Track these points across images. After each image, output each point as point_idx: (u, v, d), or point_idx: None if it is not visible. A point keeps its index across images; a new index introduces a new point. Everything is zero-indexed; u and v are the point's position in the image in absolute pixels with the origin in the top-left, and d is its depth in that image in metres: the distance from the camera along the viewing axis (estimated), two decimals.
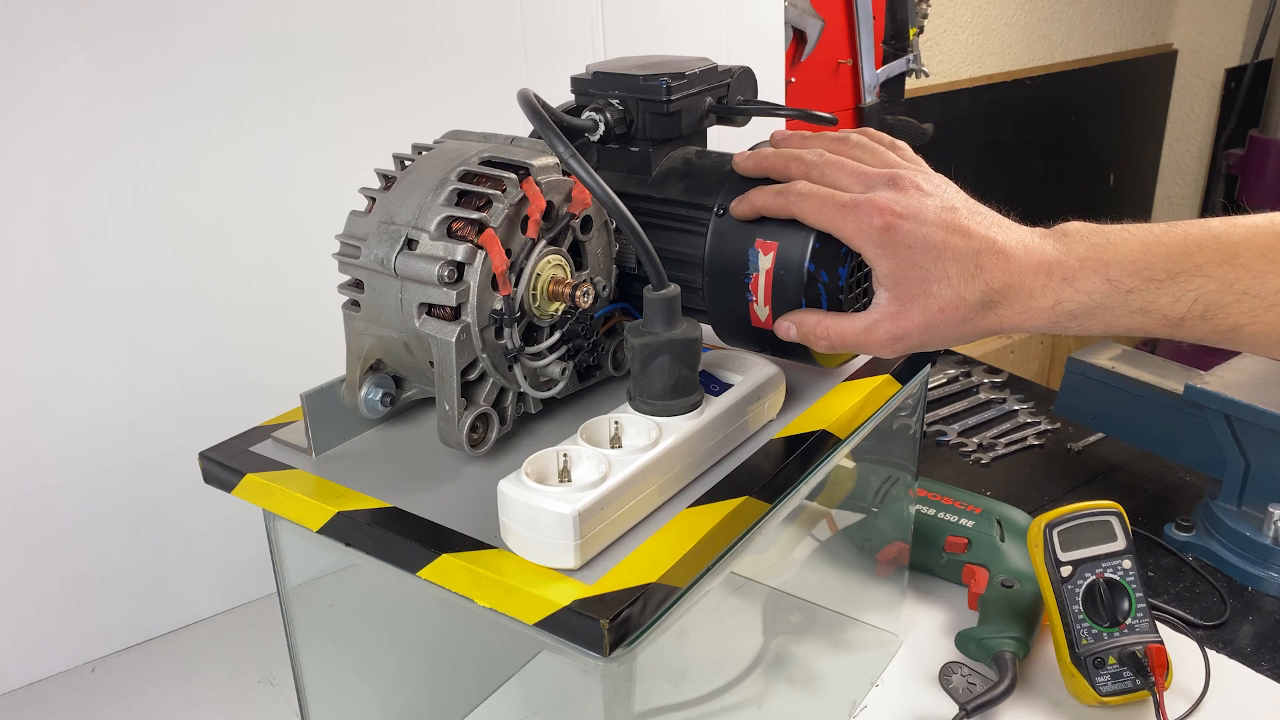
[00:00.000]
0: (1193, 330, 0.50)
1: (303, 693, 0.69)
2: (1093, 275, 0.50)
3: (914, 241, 0.52)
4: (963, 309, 0.52)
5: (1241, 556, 0.95)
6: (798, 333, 0.58)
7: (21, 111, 0.78)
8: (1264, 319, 0.49)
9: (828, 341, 0.57)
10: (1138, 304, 0.50)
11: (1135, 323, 0.51)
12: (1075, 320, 0.51)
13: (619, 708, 0.50)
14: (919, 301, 0.53)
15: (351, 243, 0.57)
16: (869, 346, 0.55)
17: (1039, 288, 0.51)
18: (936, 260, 0.52)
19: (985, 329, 0.53)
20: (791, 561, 0.89)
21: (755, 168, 0.61)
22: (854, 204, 0.54)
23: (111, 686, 0.88)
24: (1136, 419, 1.07)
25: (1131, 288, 0.50)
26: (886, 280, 0.54)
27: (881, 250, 0.53)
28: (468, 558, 0.50)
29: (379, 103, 0.95)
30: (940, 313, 0.52)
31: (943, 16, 2.07)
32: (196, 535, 0.93)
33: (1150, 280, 0.50)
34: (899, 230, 0.53)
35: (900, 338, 0.54)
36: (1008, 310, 0.52)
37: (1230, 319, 0.49)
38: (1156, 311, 0.50)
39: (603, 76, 0.65)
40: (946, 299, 0.52)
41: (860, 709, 0.81)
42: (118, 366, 0.87)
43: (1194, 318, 0.50)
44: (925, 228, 0.53)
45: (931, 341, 0.54)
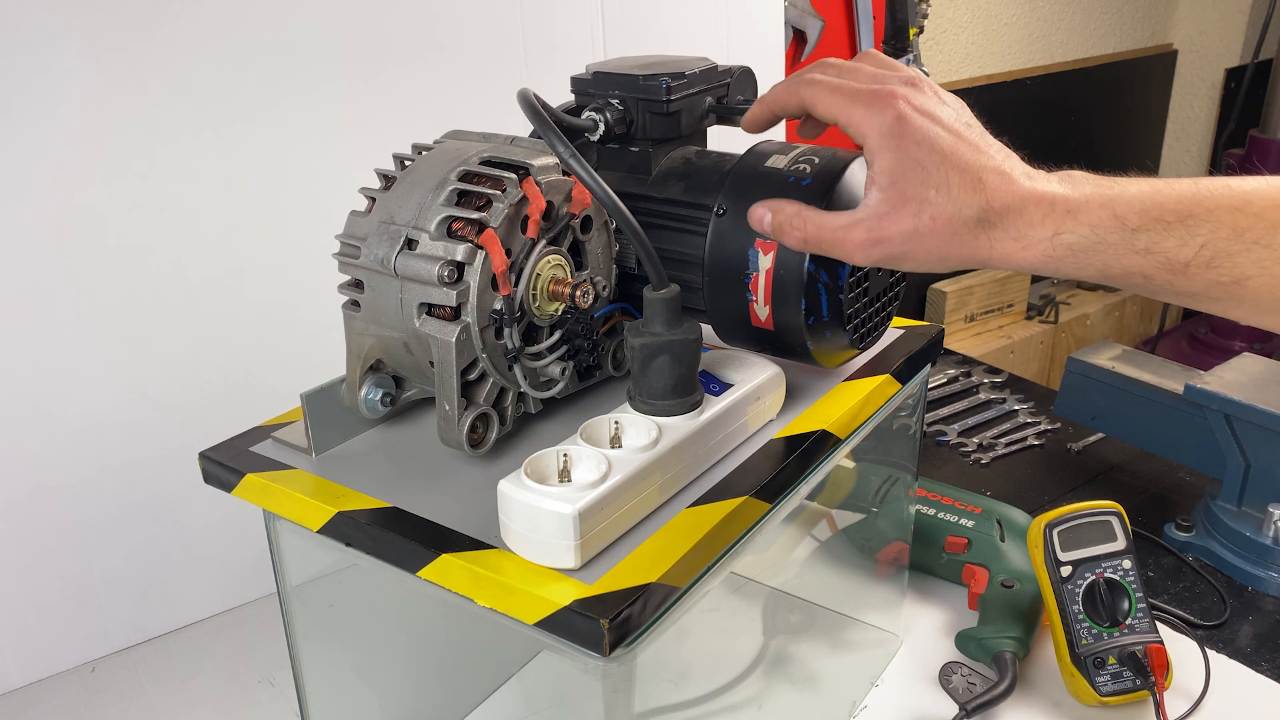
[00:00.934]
0: (1195, 279, 0.47)
1: (303, 693, 0.69)
2: (1098, 210, 0.48)
3: (923, 139, 0.49)
4: (955, 223, 0.49)
5: (1241, 556, 0.95)
6: (772, 221, 0.54)
7: (21, 111, 0.78)
8: (1272, 271, 0.46)
9: (801, 234, 0.53)
10: (1142, 244, 0.47)
11: (1136, 265, 0.48)
12: (1073, 256, 0.48)
13: (619, 708, 0.50)
14: (911, 205, 0.50)
15: (351, 243, 0.57)
16: (845, 245, 0.51)
17: (1039, 217, 0.49)
18: (941, 165, 0.49)
19: (974, 253, 0.50)
20: (791, 561, 0.89)
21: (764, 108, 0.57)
22: (869, 92, 0.51)
23: (111, 686, 0.88)
24: (1136, 419, 1.07)
25: (1138, 226, 0.47)
26: (882, 176, 0.50)
27: (887, 141, 0.50)
28: (468, 558, 0.50)
29: (379, 103, 0.95)
30: (931, 221, 0.49)
31: (943, 16, 2.07)
32: (196, 535, 0.93)
33: (1158, 220, 0.47)
34: (911, 123, 0.50)
35: (881, 240, 0.50)
36: (1002, 235, 0.49)
37: (1237, 269, 0.46)
38: (1161, 254, 0.47)
39: (603, 76, 0.65)
40: (941, 208, 0.49)
41: (860, 709, 0.81)
42: (118, 366, 0.87)
43: (1199, 264, 0.47)
44: (938, 128, 0.50)
45: (912, 254, 0.50)
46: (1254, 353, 1.05)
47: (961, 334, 2.08)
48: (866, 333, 0.65)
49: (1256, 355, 1.03)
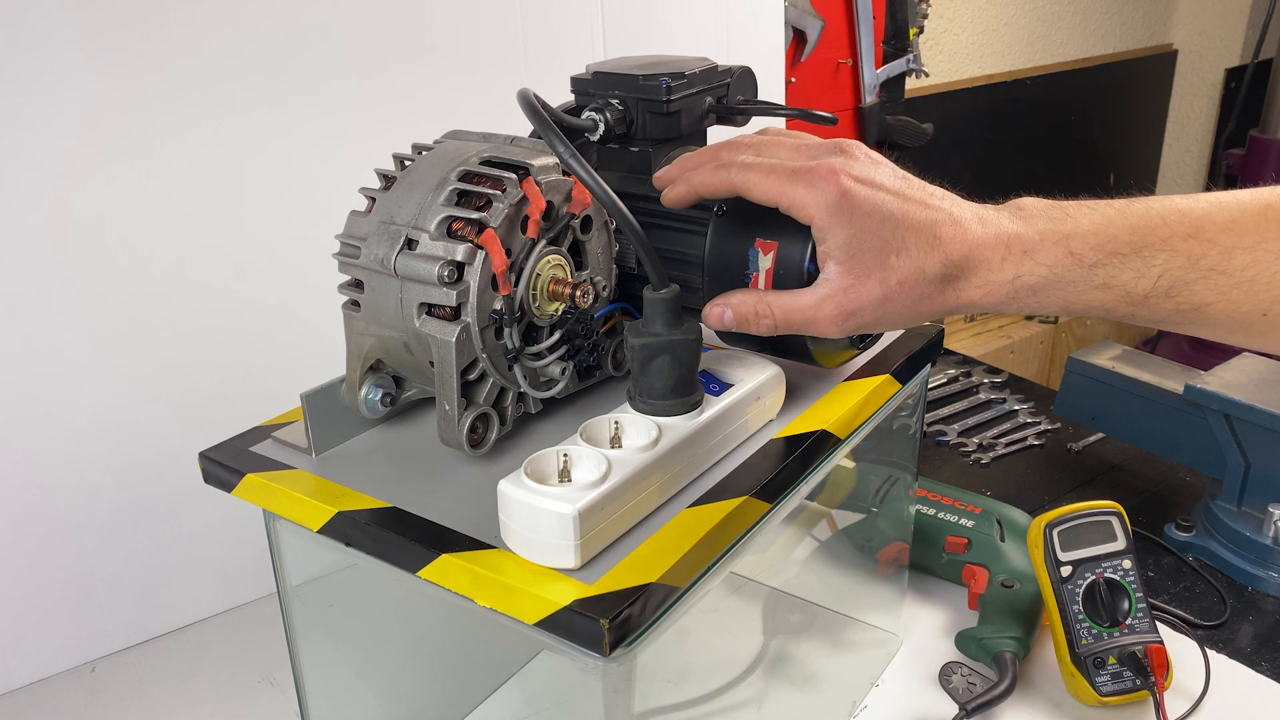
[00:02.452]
0: (1155, 309, 0.48)
1: (303, 693, 0.69)
2: (1053, 248, 0.48)
3: (871, 209, 0.49)
4: (922, 283, 0.49)
5: (1241, 556, 0.95)
6: (734, 316, 0.54)
7: (21, 111, 0.78)
8: (1230, 296, 0.46)
9: (771, 321, 0.53)
10: (1100, 279, 0.48)
11: (1096, 300, 0.48)
12: (1035, 295, 0.49)
13: (619, 708, 0.50)
14: (875, 275, 0.50)
15: (351, 243, 0.57)
16: (817, 323, 0.52)
17: (998, 261, 0.49)
18: (895, 229, 0.49)
19: (942, 307, 0.50)
20: (791, 561, 0.89)
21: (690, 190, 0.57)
22: (805, 170, 0.51)
23: (111, 686, 0.88)
24: (1136, 419, 1.07)
25: (1095, 262, 0.48)
26: (839, 252, 0.50)
27: (837, 218, 0.50)
28: (468, 558, 0.50)
29: (379, 103, 0.95)
30: (899, 286, 0.49)
31: (943, 16, 2.07)
32: (196, 535, 0.93)
33: (1113, 254, 0.47)
34: (855, 196, 0.50)
35: (853, 313, 0.50)
36: (966, 284, 0.49)
37: (1195, 296, 0.47)
38: (1119, 287, 0.48)
39: (603, 76, 0.65)
40: (905, 272, 0.49)
41: (860, 709, 0.81)
42: (118, 367, 0.87)
43: (1158, 294, 0.47)
44: (882, 194, 0.50)
45: (885, 320, 0.51)
46: (1254, 353, 1.05)
47: (961, 334, 2.08)
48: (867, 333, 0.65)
49: (1256, 355, 1.03)
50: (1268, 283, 0.46)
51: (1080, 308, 0.49)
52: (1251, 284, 0.46)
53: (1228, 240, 0.47)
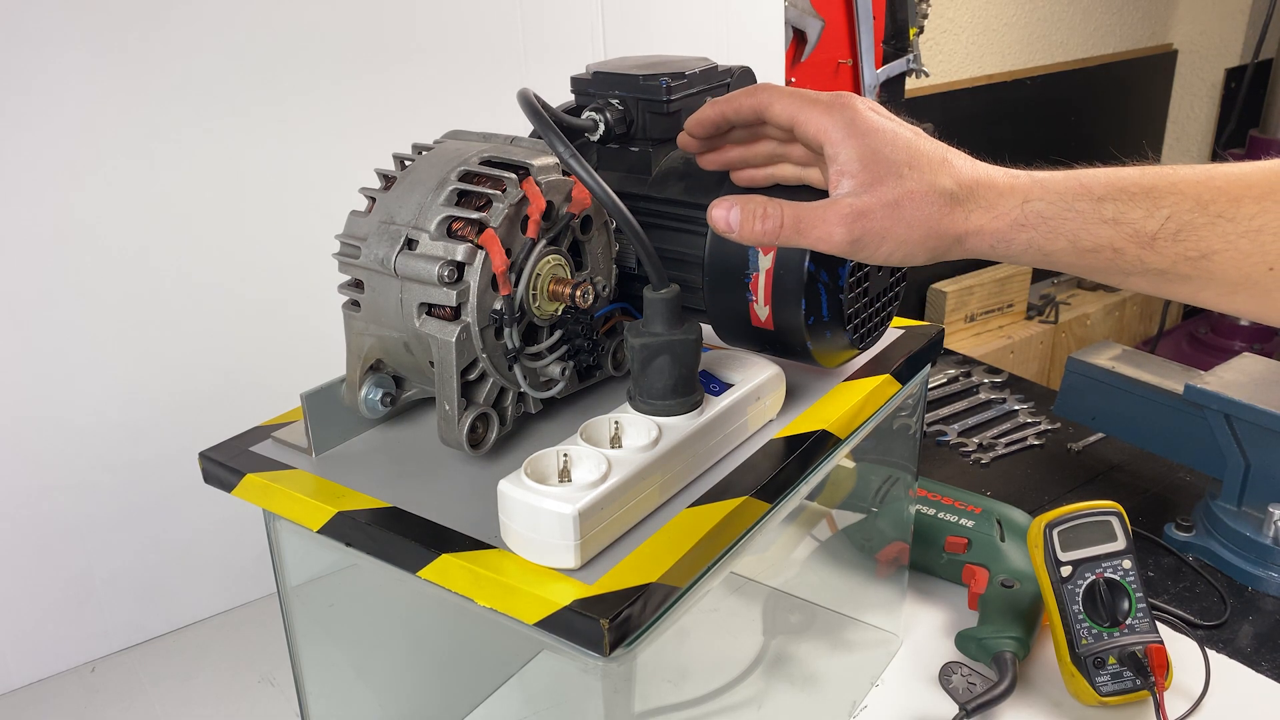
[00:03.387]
0: (1163, 252, 0.48)
1: (303, 693, 0.69)
2: (1064, 179, 0.49)
3: (884, 130, 0.51)
4: (932, 196, 0.49)
5: (1241, 556, 0.95)
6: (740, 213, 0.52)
7: (21, 111, 0.78)
8: (1238, 245, 0.47)
9: (778, 218, 0.51)
10: (1109, 213, 0.48)
11: (1105, 236, 0.48)
12: (1044, 223, 0.49)
13: (619, 708, 0.50)
14: (888, 181, 0.50)
15: (351, 243, 0.57)
16: (826, 222, 0.50)
17: (1007, 187, 0.50)
18: (906, 148, 0.50)
19: (950, 229, 0.50)
20: (791, 561, 0.89)
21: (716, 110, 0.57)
22: (823, 97, 0.53)
23: (111, 686, 0.88)
24: (1136, 419, 1.07)
25: (1104, 195, 0.48)
26: (851, 164, 0.50)
27: (850, 134, 0.51)
28: (468, 558, 0.50)
29: (379, 102, 0.95)
30: (908, 195, 0.49)
31: (943, 16, 2.07)
32: (196, 535, 0.93)
33: (1123, 191, 0.48)
34: (870, 119, 0.51)
35: (863, 213, 0.50)
36: (975, 207, 0.49)
37: (1203, 242, 0.47)
38: (1128, 224, 0.48)
39: (603, 76, 0.65)
40: (916, 183, 0.50)
41: (860, 709, 0.81)
42: (118, 367, 0.87)
43: (1166, 236, 0.47)
44: (894, 124, 0.51)
45: (893, 229, 0.50)
46: (1254, 353, 1.05)
47: (961, 334, 2.08)
48: (866, 333, 0.65)
49: (1256, 355, 1.03)
50: (1275, 233, 0.46)
51: (1089, 243, 0.49)
52: (1259, 234, 0.46)
53: (1236, 189, 0.47)
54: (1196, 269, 0.48)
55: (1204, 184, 0.47)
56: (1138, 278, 0.49)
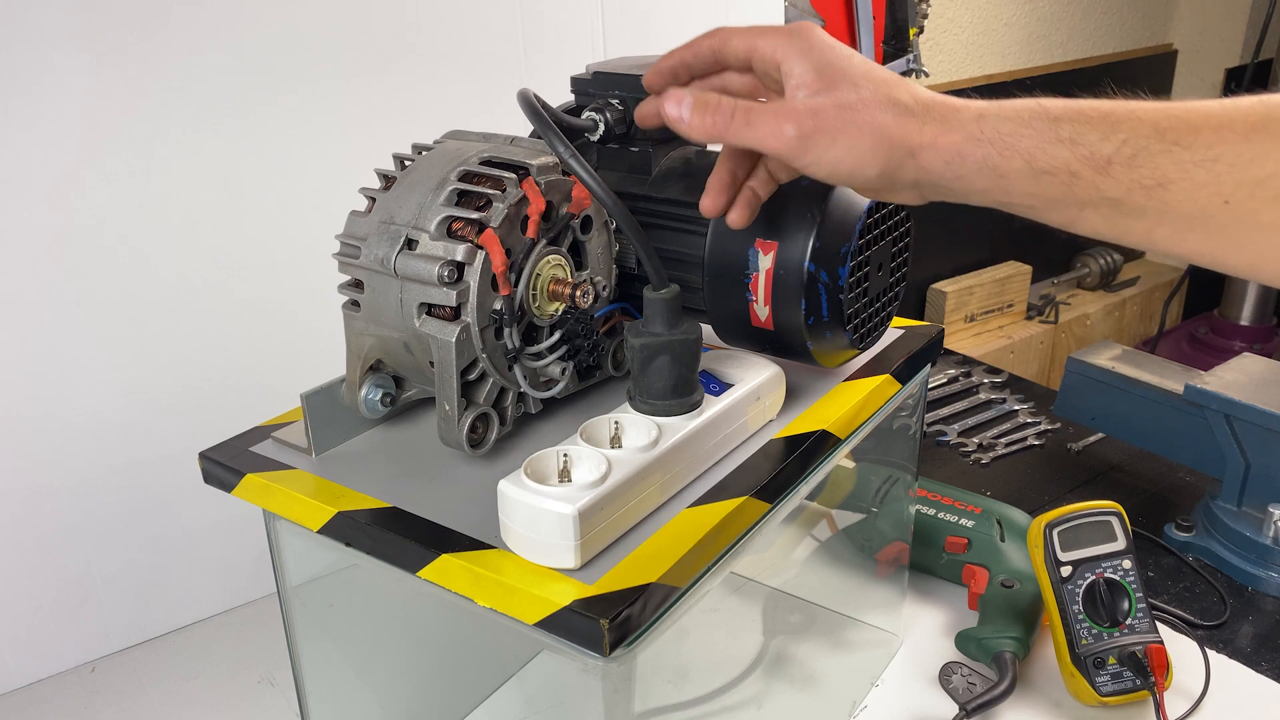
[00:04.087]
0: (1119, 178, 0.47)
1: (303, 693, 0.69)
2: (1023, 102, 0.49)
3: (840, 50, 0.51)
4: (886, 104, 0.49)
5: (1241, 556, 0.95)
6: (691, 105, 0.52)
7: (21, 111, 0.78)
8: (1193, 175, 0.45)
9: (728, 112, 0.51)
10: (1066, 133, 0.47)
11: (1061, 156, 0.47)
12: (1000, 139, 0.48)
13: (619, 708, 0.50)
14: (843, 85, 0.49)
15: (351, 243, 0.57)
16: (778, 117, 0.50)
17: (963, 105, 0.49)
18: (863, 65, 0.50)
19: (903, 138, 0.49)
20: (791, 561, 0.89)
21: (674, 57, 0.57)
22: (776, 27, 0.53)
23: (111, 686, 0.88)
24: (1136, 419, 1.07)
25: (1060, 116, 0.48)
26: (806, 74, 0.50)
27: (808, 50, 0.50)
28: (468, 558, 0.50)
29: (379, 103, 0.95)
30: (860, 100, 0.49)
31: (943, 16, 2.07)
32: (196, 535, 0.93)
33: (1081, 114, 0.48)
34: (826, 39, 0.51)
35: (816, 111, 0.49)
36: (929, 120, 0.49)
37: (1159, 170, 0.46)
38: (1084, 145, 0.47)
39: (603, 76, 0.65)
40: (871, 92, 0.49)
41: (860, 709, 0.81)
42: (118, 367, 0.87)
43: (1122, 161, 0.46)
44: (848, 50, 0.51)
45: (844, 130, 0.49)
46: (1254, 353, 1.05)
47: (961, 334, 2.08)
48: (866, 333, 0.65)
49: (1256, 355, 1.03)
50: (1230, 163, 0.45)
51: (1045, 163, 0.48)
52: (1215, 163, 0.45)
53: (1195, 119, 0.46)
54: (1151, 199, 0.47)
55: (1163, 112, 0.47)
56: (1092, 210, 0.48)
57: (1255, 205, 0.45)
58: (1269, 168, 0.44)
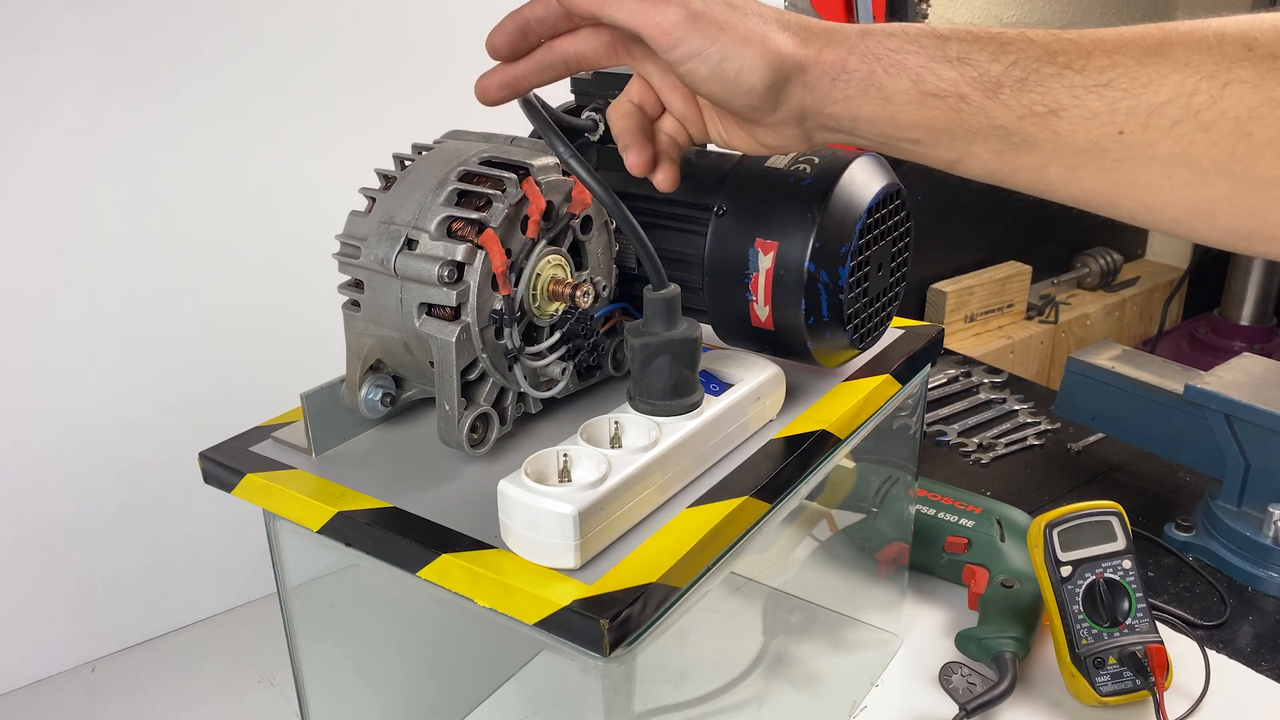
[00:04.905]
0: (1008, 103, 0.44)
1: (303, 693, 0.69)
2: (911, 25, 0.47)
3: None
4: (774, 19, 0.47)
5: (1241, 556, 0.95)
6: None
7: (22, 112, 0.78)
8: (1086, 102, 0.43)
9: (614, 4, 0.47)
10: (955, 52, 0.45)
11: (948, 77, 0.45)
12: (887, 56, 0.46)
13: (619, 708, 0.50)
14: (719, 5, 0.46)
15: (351, 243, 0.57)
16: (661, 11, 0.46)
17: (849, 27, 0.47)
18: None
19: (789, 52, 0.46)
20: (791, 561, 0.89)
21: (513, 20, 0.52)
22: None
23: (111, 686, 0.88)
24: (1136, 419, 1.07)
25: (949, 36, 0.45)
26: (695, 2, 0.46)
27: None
28: (468, 558, 0.50)
29: (379, 102, 0.95)
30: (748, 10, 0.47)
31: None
32: (196, 535, 0.93)
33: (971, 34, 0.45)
34: None
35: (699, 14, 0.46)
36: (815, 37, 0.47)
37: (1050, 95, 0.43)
38: (973, 65, 0.44)
39: (603, 76, 0.65)
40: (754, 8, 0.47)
41: (860, 709, 0.81)
42: (118, 367, 0.87)
43: (1011, 84, 0.44)
44: None
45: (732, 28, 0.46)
46: (1254, 353, 1.05)
47: (961, 334, 2.08)
48: (866, 333, 0.65)
49: (1256, 355, 1.03)
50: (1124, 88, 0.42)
51: (932, 85, 0.45)
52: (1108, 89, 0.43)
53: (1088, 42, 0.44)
54: (1044, 128, 0.44)
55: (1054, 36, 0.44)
56: (982, 144, 0.46)
57: (1150, 135, 0.43)
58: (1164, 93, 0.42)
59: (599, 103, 0.65)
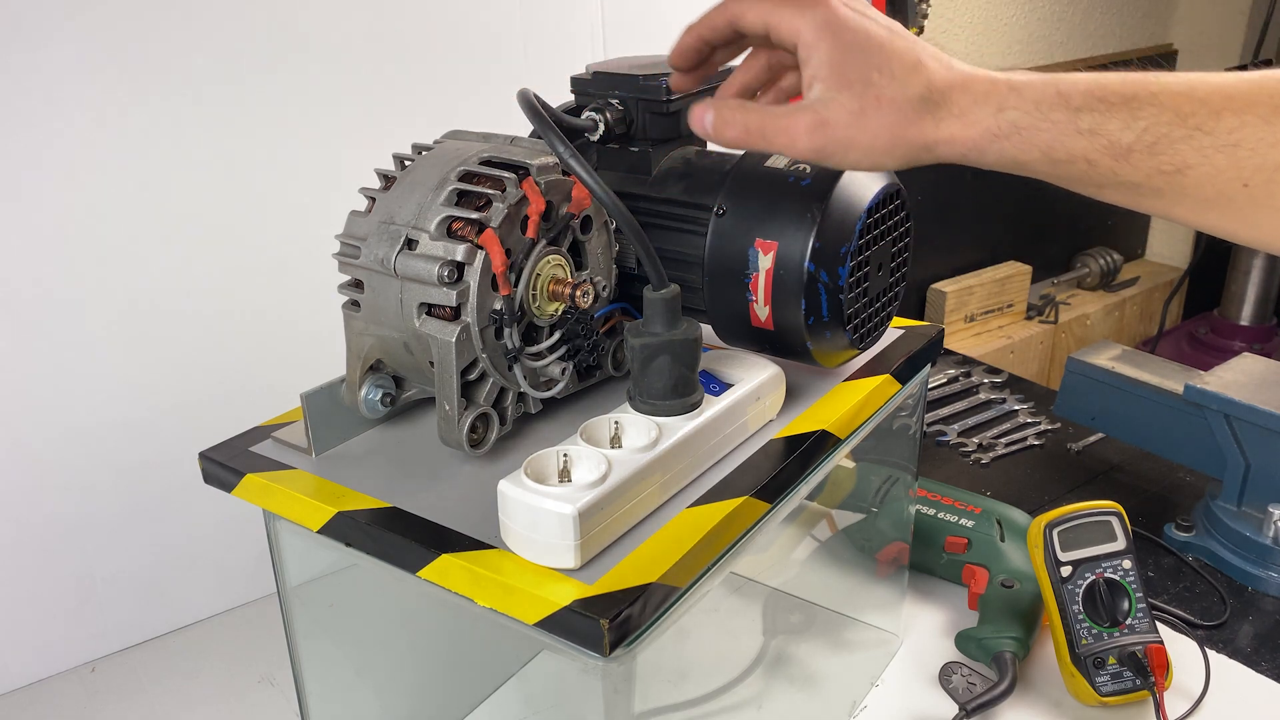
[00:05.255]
0: (1138, 165, 0.46)
1: (303, 693, 0.69)
2: (1041, 86, 0.48)
3: (858, 28, 0.49)
4: (900, 102, 0.48)
5: (1241, 556, 0.95)
6: (713, 119, 0.52)
7: (22, 112, 0.78)
8: (1213, 160, 0.45)
9: (742, 126, 0.51)
10: (1086, 124, 0.47)
11: (1080, 148, 0.47)
12: (1018, 134, 0.48)
13: (619, 708, 0.50)
14: (855, 87, 0.49)
15: (351, 243, 0.57)
16: (789, 131, 0.50)
17: (982, 92, 0.48)
18: (879, 50, 0.49)
19: (918, 136, 0.49)
20: (791, 561, 0.89)
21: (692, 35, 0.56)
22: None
23: (111, 686, 0.88)
24: (1136, 419, 1.07)
25: (1081, 105, 0.47)
26: (822, 68, 0.49)
27: (822, 33, 0.49)
28: (468, 558, 0.50)
29: (379, 102, 0.95)
30: (876, 101, 0.48)
31: (943, 16, 2.07)
32: (196, 535, 0.93)
33: (1102, 100, 0.47)
34: (843, 15, 0.50)
35: (826, 123, 0.49)
36: (947, 114, 0.48)
37: (1179, 156, 0.46)
38: (1104, 135, 0.46)
39: (603, 76, 0.65)
40: (885, 88, 0.48)
41: (860, 709, 0.81)
42: (118, 367, 0.87)
43: (1141, 149, 0.46)
44: (868, 22, 0.50)
45: (858, 138, 0.49)
46: (1254, 353, 1.05)
47: (961, 334, 2.08)
48: (866, 333, 0.65)
49: (1256, 355, 1.03)
50: (1252, 148, 0.45)
51: (1063, 154, 0.47)
52: (1235, 149, 0.45)
53: (1218, 101, 0.46)
54: (1170, 183, 0.46)
55: (1185, 95, 0.46)
56: (1110, 190, 0.48)
57: (1274, 189, 0.45)
58: None
59: (599, 103, 0.65)
